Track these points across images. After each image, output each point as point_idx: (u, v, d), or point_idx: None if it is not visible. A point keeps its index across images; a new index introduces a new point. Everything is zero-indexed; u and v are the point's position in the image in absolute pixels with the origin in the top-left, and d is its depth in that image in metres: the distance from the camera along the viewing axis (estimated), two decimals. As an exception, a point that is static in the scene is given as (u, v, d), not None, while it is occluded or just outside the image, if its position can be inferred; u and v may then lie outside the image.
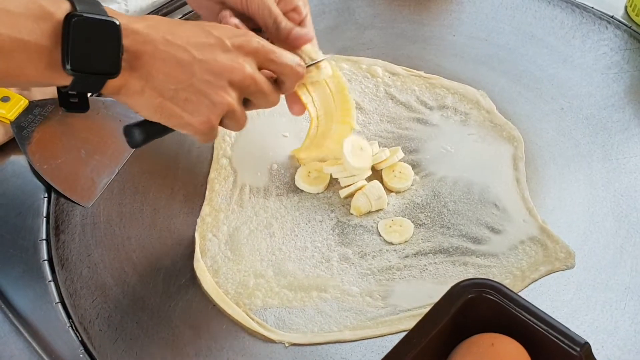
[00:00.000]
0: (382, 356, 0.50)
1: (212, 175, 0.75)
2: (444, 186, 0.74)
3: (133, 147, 0.62)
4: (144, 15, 0.57)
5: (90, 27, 0.50)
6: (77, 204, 0.72)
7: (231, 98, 0.57)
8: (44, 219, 0.71)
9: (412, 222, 0.70)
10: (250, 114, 0.80)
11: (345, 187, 0.72)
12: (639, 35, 0.91)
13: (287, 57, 0.62)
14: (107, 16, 0.51)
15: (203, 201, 0.72)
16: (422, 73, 0.86)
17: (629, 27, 0.91)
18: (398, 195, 0.73)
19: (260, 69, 0.60)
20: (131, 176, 0.75)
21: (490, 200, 0.72)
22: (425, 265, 0.67)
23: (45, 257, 0.68)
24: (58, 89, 0.55)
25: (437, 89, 0.84)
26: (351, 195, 0.72)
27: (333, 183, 0.74)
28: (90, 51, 0.50)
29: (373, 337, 0.62)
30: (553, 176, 0.75)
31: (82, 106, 0.56)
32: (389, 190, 0.74)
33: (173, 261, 0.68)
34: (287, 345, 0.61)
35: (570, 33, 0.92)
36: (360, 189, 0.71)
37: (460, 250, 0.68)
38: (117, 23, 0.51)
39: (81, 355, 0.60)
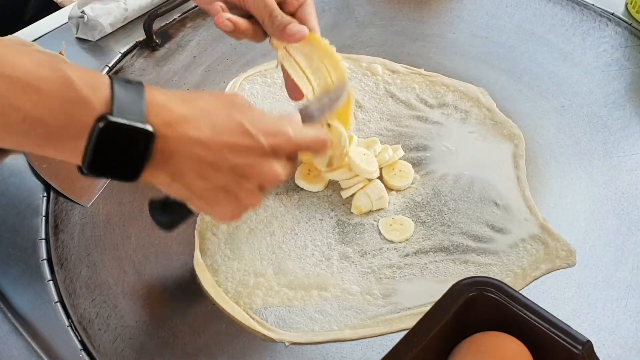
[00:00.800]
0: (383, 355, 0.50)
1: (211, 174, 0.75)
2: (444, 184, 0.73)
3: (166, 231, 0.60)
4: (184, 94, 0.52)
5: (121, 136, 0.46)
6: (76, 203, 0.72)
7: (259, 198, 0.55)
8: (43, 218, 0.71)
9: (412, 220, 0.70)
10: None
11: (347, 188, 0.71)
12: (639, 32, 0.90)
13: (313, 144, 0.58)
14: (143, 119, 0.47)
15: (203, 200, 0.72)
16: (422, 71, 0.86)
17: (630, 25, 0.91)
18: (398, 194, 0.73)
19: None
20: (130, 175, 0.74)
21: (490, 199, 0.72)
22: (425, 263, 0.67)
23: (45, 256, 0.67)
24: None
25: (437, 87, 0.84)
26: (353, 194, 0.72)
27: (333, 182, 0.73)
28: (113, 158, 0.47)
29: (373, 336, 0.62)
30: (554, 174, 0.75)
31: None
32: (389, 189, 0.73)
33: (172, 260, 0.67)
34: (287, 344, 0.61)
35: (570, 30, 0.92)
36: (361, 188, 0.71)
37: (460, 249, 0.68)
38: (151, 131, 0.47)
39: (80, 355, 0.60)
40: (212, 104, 0.52)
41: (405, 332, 0.51)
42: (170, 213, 0.58)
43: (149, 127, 0.47)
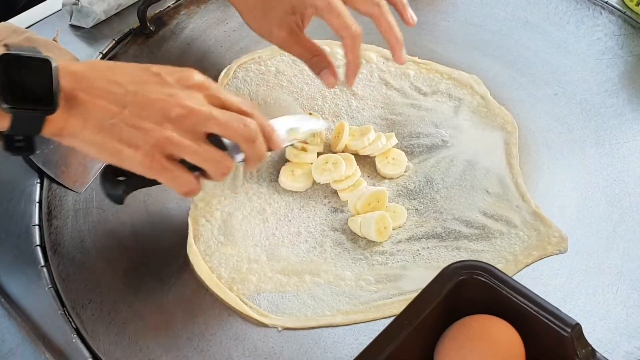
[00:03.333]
0: (374, 337, 0.50)
1: (205, 160, 0.75)
2: (436, 172, 0.74)
3: (117, 203, 0.62)
4: (86, 60, 0.57)
5: (23, 63, 0.51)
6: (69, 189, 0.72)
7: (169, 131, 0.55)
8: (37, 204, 0.71)
9: (405, 208, 0.70)
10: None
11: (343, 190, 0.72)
12: (633, 20, 0.91)
13: (234, 99, 0.59)
14: (40, 54, 0.52)
15: (196, 186, 0.72)
16: (416, 59, 0.86)
17: (623, 13, 0.91)
18: (392, 182, 0.73)
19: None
20: (124, 162, 0.74)
21: (483, 186, 0.72)
22: (418, 250, 0.67)
23: (38, 242, 0.68)
24: (1, 132, 0.54)
25: (431, 75, 0.84)
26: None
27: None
28: (25, 86, 0.51)
29: (366, 321, 0.62)
30: (546, 161, 0.75)
31: (26, 149, 0.55)
32: (382, 177, 0.74)
33: (166, 246, 0.67)
34: (280, 329, 0.62)
35: (564, 19, 0.92)
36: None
37: (453, 235, 0.68)
38: (49, 60, 0.52)
39: (74, 340, 0.60)
40: (106, 62, 0.58)
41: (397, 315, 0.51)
42: (124, 182, 0.60)
43: (49, 58, 0.52)
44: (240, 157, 0.60)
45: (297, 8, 0.69)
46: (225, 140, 0.58)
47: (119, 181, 0.60)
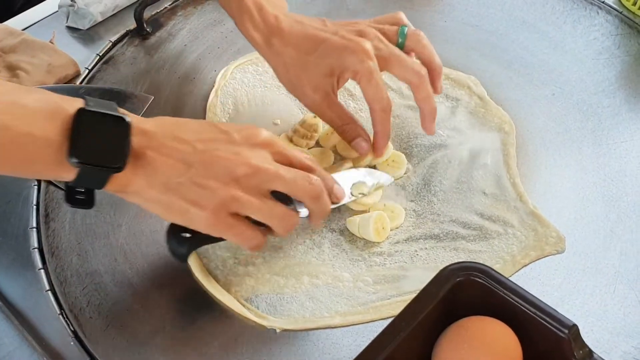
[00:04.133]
0: (372, 339, 0.50)
1: (202, 162, 0.75)
2: (434, 173, 0.74)
3: (181, 261, 0.63)
4: (154, 117, 0.56)
5: (99, 121, 0.51)
6: (67, 191, 0.72)
7: (234, 190, 0.55)
8: (34, 207, 0.71)
9: (403, 208, 0.70)
10: (240, 100, 0.80)
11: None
12: (629, 20, 0.91)
13: (299, 155, 0.60)
14: (117, 112, 0.52)
15: (194, 188, 0.72)
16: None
17: (620, 13, 0.91)
18: (391, 183, 0.73)
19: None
20: (121, 164, 0.74)
21: (480, 186, 0.72)
22: (416, 250, 0.67)
23: (36, 245, 0.67)
24: (65, 183, 0.54)
25: (428, 75, 0.84)
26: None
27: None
28: (97, 144, 0.51)
29: (364, 323, 0.62)
30: (544, 161, 0.75)
31: (87, 202, 0.55)
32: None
33: (164, 248, 0.67)
34: (278, 330, 0.62)
35: (561, 19, 0.92)
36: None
37: (450, 236, 0.68)
38: (127, 120, 0.52)
39: (72, 343, 0.60)
40: (174, 119, 0.57)
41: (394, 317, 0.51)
42: (189, 240, 0.60)
43: (126, 117, 0.52)
44: (305, 212, 0.60)
45: (335, 71, 0.68)
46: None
47: (184, 238, 0.60)
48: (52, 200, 0.71)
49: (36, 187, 0.72)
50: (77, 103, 0.51)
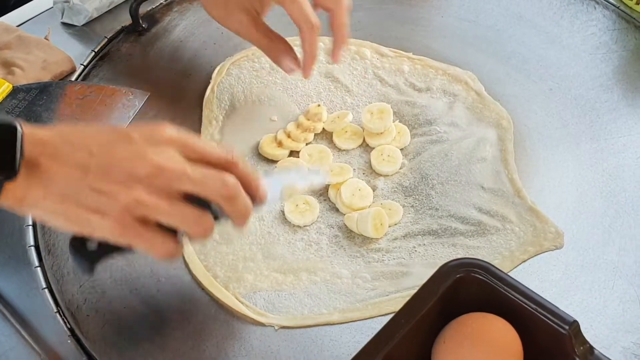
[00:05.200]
0: (372, 337, 0.50)
1: (199, 159, 0.74)
2: (431, 168, 0.73)
3: (87, 275, 0.59)
4: (54, 127, 0.53)
5: None
6: (63, 189, 0.71)
7: (138, 192, 0.50)
8: (30, 204, 0.70)
9: (400, 205, 0.70)
10: (237, 97, 0.79)
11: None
12: (627, 15, 0.90)
13: (215, 150, 0.54)
14: (8, 120, 0.49)
15: (191, 185, 0.72)
16: (410, 54, 0.85)
17: (617, 8, 0.91)
18: (387, 179, 0.73)
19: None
20: (118, 161, 0.74)
21: (478, 182, 0.72)
22: (414, 246, 0.67)
23: (32, 242, 0.67)
24: None
25: (425, 71, 0.84)
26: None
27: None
28: None
29: (362, 319, 0.62)
30: (542, 157, 0.75)
31: None
32: (377, 174, 0.73)
33: (161, 245, 0.67)
34: (276, 328, 0.61)
35: (558, 14, 0.92)
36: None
37: (449, 232, 0.68)
38: (17, 126, 0.49)
39: (69, 341, 0.60)
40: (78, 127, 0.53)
41: (394, 314, 0.51)
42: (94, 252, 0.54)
43: (14, 123, 0.48)
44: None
45: None
46: None
47: (88, 252, 0.54)
48: (48, 197, 0.71)
49: (32, 184, 0.72)
50: None
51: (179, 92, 0.81)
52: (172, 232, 0.52)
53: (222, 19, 0.74)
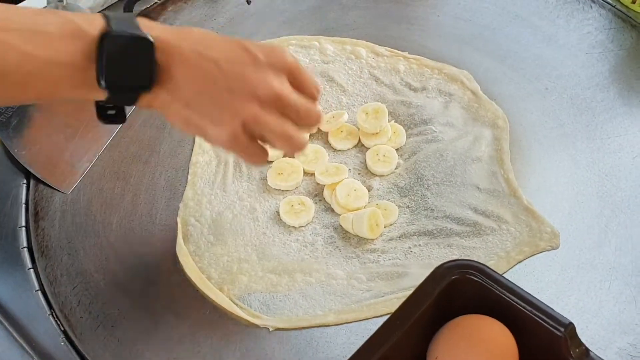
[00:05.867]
0: (367, 339, 0.50)
1: (194, 159, 0.74)
2: (427, 168, 0.73)
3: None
4: (179, 27, 0.57)
5: (124, 44, 0.51)
6: (56, 190, 0.71)
7: (255, 108, 0.55)
8: (23, 205, 0.70)
9: (396, 205, 0.70)
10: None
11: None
12: (623, 14, 0.90)
13: (310, 78, 0.60)
14: (141, 32, 0.51)
15: (185, 186, 0.72)
16: (406, 54, 0.85)
17: (613, 6, 0.91)
18: (382, 179, 0.73)
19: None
20: (112, 161, 0.74)
21: (474, 182, 0.72)
22: (409, 247, 0.67)
23: (25, 244, 0.67)
24: (95, 102, 0.55)
25: (421, 70, 0.83)
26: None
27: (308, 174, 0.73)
28: (124, 67, 0.51)
29: (358, 321, 0.62)
30: (537, 156, 0.75)
31: (118, 117, 0.56)
32: (373, 175, 0.73)
33: (155, 247, 0.67)
34: (271, 329, 0.61)
35: (554, 12, 0.91)
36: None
37: (444, 232, 0.68)
38: (151, 40, 0.51)
39: (62, 343, 0.60)
40: (200, 32, 0.56)
41: (389, 316, 0.51)
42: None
43: (148, 36, 0.51)
44: None
45: None
46: None
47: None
48: (41, 198, 0.70)
49: (25, 185, 0.71)
50: (98, 23, 0.51)
51: (174, 92, 0.81)
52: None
53: None
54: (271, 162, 0.73)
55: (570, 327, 0.48)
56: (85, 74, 0.50)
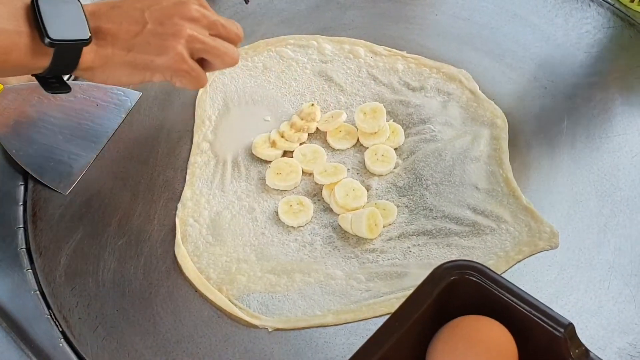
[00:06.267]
0: (366, 340, 0.50)
1: (192, 159, 0.74)
2: (426, 168, 0.73)
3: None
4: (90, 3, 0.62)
5: (54, 3, 0.56)
6: (54, 190, 0.71)
7: (189, 29, 0.61)
8: (21, 206, 0.70)
9: (395, 205, 0.70)
10: (230, 96, 0.79)
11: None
12: (621, 13, 0.90)
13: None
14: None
15: (183, 186, 0.71)
16: (404, 53, 0.85)
17: (612, 5, 0.91)
18: (381, 179, 0.73)
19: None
20: (110, 161, 0.73)
21: (473, 182, 0.72)
22: (408, 247, 0.67)
23: (23, 245, 0.67)
24: (36, 76, 0.59)
25: (419, 69, 0.83)
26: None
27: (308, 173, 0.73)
28: (61, 22, 0.55)
29: (357, 321, 0.62)
30: (536, 156, 0.74)
31: (62, 87, 0.60)
32: (371, 174, 0.73)
33: (153, 247, 0.67)
34: (270, 330, 0.61)
35: (553, 11, 0.91)
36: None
37: (443, 232, 0.68)
38: (79, 2, 0.58)
39: (61, 345, 0.60)
40: None
41: (388, 317, 0.51)
42: None
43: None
44: None
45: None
46: None
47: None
48: (39, 199, 0.70)
49: (23, 186, 0.71)
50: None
51: (171, 91, 0.81)
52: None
53: None
54: (269, 161, 0.73)
55: (569, 328, 0.48)
56: (31, 38, 0.55)
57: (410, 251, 0.67)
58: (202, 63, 0.64)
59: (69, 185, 0.71)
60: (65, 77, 0.77)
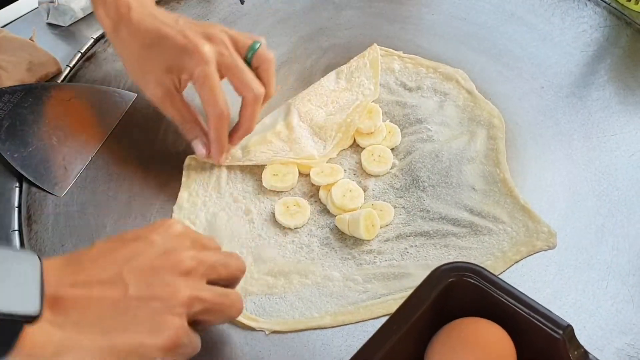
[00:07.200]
0: (364, 342, 0.49)
1: (188, 161, 0.73)
2: (422, 169, 0.73)
3: None
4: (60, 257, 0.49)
5: (4, 258, 0.43)
6: (49, 193, 0.70)
7: (186, 287, 0.49)
8: (16, 209, 0.69)
9: (392, 206, 0.69)
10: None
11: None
12: (618, 12, 0.90)
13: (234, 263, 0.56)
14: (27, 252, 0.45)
15: (179, 188, 0.71)
16: (400, 53, 0.84)
17: (608, 4, 0.91)
18: (378, 180, 0.72)
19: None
20: (105, 163, 0.73)
21: (470, 183, 0.71)
22: (406, 248, 0.67)
23: (18, 248, 0.66)
24: None
25: (416, 69, 0.83)
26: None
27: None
28: (6, 287, 0.41)
29: (354, 322, 0.61)
30: (534, 156, 0.74)
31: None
32: (368, 175, 0.73)
33: (149, 250, 0.66)
34: (267, 332, 0.61)
35: (549, 11, 0.91)
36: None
37: (440, 233, 0.67)
38: (37, 259, 0.44)
39: (56, 348, 0.59)
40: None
41: (386, 318, 0.51)
42: None
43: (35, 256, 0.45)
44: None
45: (173, 69, 0.66)
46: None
47: None
48: (34, 201, 0.70)
49: (17, 188, 0.70)
50: None
51: (167, 93, 0.80)
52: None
53: (138, 84, 0.71)
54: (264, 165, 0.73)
55: (568, 330, 0.48)
56: None
57: (407, 252, 0.66)
58: (197, 319, 0.51)
59: (64, 187, 0.71)
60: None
